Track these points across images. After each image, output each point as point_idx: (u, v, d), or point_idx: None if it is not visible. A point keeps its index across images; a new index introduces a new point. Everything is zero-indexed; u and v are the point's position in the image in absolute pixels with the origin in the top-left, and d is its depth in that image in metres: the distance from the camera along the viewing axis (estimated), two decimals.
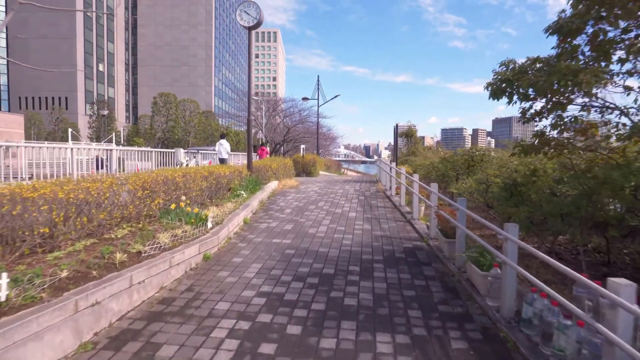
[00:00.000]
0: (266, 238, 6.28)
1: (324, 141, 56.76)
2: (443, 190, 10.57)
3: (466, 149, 9.93)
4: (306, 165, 19.04)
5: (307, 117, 42.35)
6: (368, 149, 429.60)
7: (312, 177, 18.57)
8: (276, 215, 8.01)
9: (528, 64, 4.30)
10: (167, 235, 4.94)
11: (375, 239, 6.34)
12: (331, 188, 12.44)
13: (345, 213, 8.31)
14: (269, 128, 41.66)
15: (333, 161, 33.03)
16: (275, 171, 12.24)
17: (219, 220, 6.29)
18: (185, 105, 45.86)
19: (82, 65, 65.21)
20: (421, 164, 15.90)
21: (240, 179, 9.52)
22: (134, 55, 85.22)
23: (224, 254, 5.44)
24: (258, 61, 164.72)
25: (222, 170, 8.42)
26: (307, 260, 5.19)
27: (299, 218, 7.74)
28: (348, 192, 11.46)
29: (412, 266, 5.07)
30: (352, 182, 15.39)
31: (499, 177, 5.45)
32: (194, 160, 16.39)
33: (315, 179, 17.00)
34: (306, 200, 9.74)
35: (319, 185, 13.27)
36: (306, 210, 8.49)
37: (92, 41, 68.73)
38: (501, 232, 3.49)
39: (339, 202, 9.64)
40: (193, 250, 4.92)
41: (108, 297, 3.46)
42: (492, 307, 3.74)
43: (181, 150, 15.00)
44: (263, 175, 11.67)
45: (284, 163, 13.45)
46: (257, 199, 8.73)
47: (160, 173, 6.18)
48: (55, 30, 62.61)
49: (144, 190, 5.58)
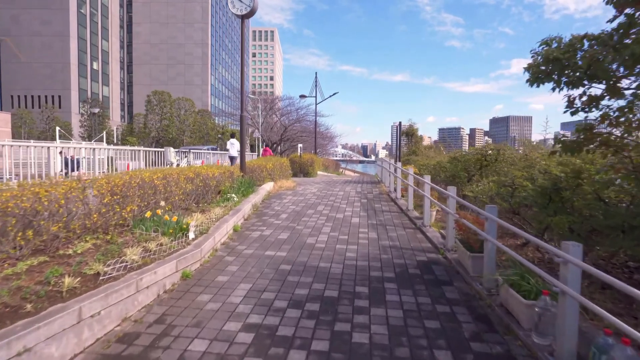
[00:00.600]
0: (258, 250, 5.46)
1: (322, 140, 55.93)
2: None
3: (478, 147, 9.14)
4: (304, 165, 18.21)
5: (305, 115, 41.55)
6: (365, 148, 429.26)
7: (310, 178, 17.75)
8: (270, 221, 7.18)
9: (573, 42, 3.51)
10: (137, 251, 4.11)
11: (383, 250, 5.53)
12: (331, 190, 11.62)
13: (347, 219, 7.49)
14: (265, 127, 40.79)
15: (331, 161, 32.23)
16: (270, 172, 11.41)
17: (204, 229, 5.46)
18: (181, 104, 44.89)
19: (76, 63, 64.16)
20: (425, 163, 15.11)
21: (231, 180, 8.69)
22: (129, 53, 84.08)
23: (207, 270, 4.61)
24: (255, 60, 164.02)
25: (210, 171, 7.58)
26: (305, 279, 4.37)
27: (296, 225, 6.92)
28: (349, 194, 10.65)
29: (431, 286, 4.26)
30: (352, 183, 14.58)
31: (528, 180, 4.66)
32: (185, 159, 15.53)
33: (313, 180, 16.17)
34: (304, 204, 8.92)
35: (318, 187, 12.45)
36: (304, 216, 7.67)
37: (86, 39, 67.61)
38: (560, 254, 2.69)
39: (340, 205, 8.82)
40: (169, 269, 4.09)
41: (44, 340, 2.63)
42: (543, 347, 2.94)
43: (171, 149, 14.15)
44: (257, 176, 10.84)
45: (280, 163, 12.62)
46: (249, 202, 7.90)
47: (136, 175, 5.35)
48: (49, 27, 61.50)
49: (113, 196, 4.74)
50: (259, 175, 10.86)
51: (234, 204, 7.44)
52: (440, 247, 5.51)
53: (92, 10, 69.12)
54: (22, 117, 41.09)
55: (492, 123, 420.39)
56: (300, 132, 42.57)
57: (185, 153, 15.88)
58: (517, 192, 5.05)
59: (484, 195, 5.97)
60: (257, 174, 10.83)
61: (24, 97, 62.71)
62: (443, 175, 9.90)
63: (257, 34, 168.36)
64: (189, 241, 4.94)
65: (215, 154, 21.10)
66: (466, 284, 4.32)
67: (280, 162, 12.70)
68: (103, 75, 72.87)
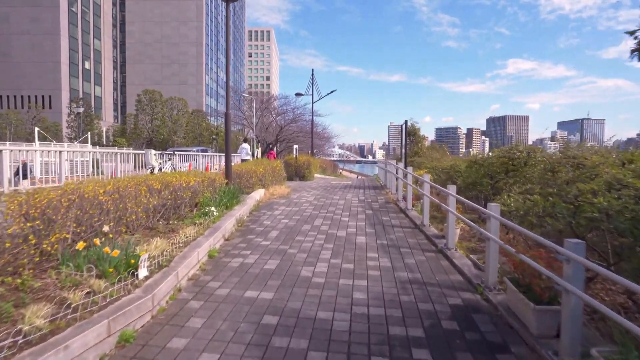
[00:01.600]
0: (236, 288, 4.11)
1: (319, 141, 54.64)
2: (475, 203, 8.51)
3: (504, 148, 7.82)
4: (300, 168, 16.87)
5: (301, 115, 40.24)
6: (362, 148, 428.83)
7: (306, 182, 16.42)
8: (256, 242, 5.84)
9: None
10: (46, 310, 2.76)
11: (402, 288, 4.20)
12: (329, 197, 10.29)
13: (351, 237, 6.16)
14: (260, 127, 39.43)
15: (328, 162, 30.92)
16: (261, 177, 10.06)
17: (165, 261, 4.12)
18: (173, 104, 43.40)
19: (67, 62, 62.56)
20: (432, 166, 13.79)
21: (212, 189, 7.34)
22: (122, 52, 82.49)
23: (160, 326, 3.26)
24: (251, 60, 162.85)
25: (184, 179, 6.24)
26: (297, 343, 3.03)
27: (288, 247, 5.58)
28: (351, 202, 9.33)
29: (480, 355, 2.93)
30: (353, 188, 13.25)
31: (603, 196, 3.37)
32: (169, 163, 14.14)
33: (310, 184, 14.84)
34: (299, 217, 7.59)
35: (315, 193, 11.11)
36: (298, 233, 6.33)
37: (77, 38, 65.96)
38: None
39: (342, 218, 7.49)
40: (94, 335, 2.75)
41: None
42: None
43: (152, 152, 12.77)
44: (246, 183, 9.50)
45: (272, 167, 11.27)
46: (233, 217, 6.56)
47: (70, 189, 3.99)
48: (38, 26, 59.83)
49: (29, 222, 3.39)
50: (248, 181, 9.52)
51: (212, 219, 6.09)
52: (477, 283, 4.18)
53: (84, 8, 67.50)
54: (8, 117, 39.47)
55: (489, 123, 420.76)
56: (296, 133, 41.25)
57: (169, 155, 14.49)
58: (583, 210, 3.74)
59: (520, 210, 4.67)
60: (246, 181, 9.48)
61: (13, 97, 60.99)
62: (460, 182, 8.57)
63: (253, 34, 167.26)
64: (139, 282, 3.60)
65: (205, 156, 19.72)
66: (531, 351, 2.99)
67: (272, 165, 11.35)
68: (95, 74, 71.20)
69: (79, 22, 66.03)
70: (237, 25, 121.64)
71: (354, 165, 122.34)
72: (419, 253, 5.42)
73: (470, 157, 9.17)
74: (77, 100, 38.05)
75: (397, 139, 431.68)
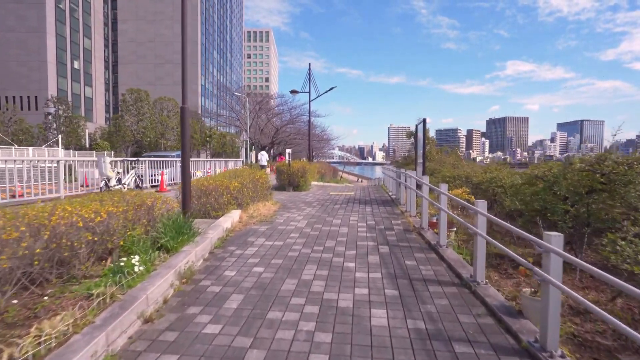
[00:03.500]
0: None
1: (318, 143, 52.11)
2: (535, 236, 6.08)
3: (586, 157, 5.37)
4: (293, 176, 14.36)
5: (299, 116, 37.73)
6: (362, 150, 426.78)
7: (301, 192, 13.92)
8: (198, 326, 3.32)
9: None
10: None
11: None
12: (328, 220, 7.81)
13: (362, 311, 3.64)
14: (255, 129, 36.92)
15: (327, 167, 28.41)
16: (235, 194, 7.53)
17: None
18: (163, 104, 40.81)
19: (54, 61, 60.03)
20: (451, 175, 11.34)
21: (149, 221, 4.84)
22: (114, 52, 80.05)
23: None
24: (250, 61, 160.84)
25: (87, 210, 3.74)
26: None
27: (249, 344, 3.06)
28: (357, 230, 6.83)
29: None
30: (357, 202, 10.77)
31: None
32: (132, 172, 11.57)
33: (304, 197, 12.34)
34: (280, 260, 5.09)
35: (309, 213, 8.63)
36: (274, 303, 3.82)
37: (66, 36, 63.45)
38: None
39: (345, 263, 4.99)
40: None
41: None
42: None
43: (106, 159, 10.23)
44: (214, 204, 7.01)
45: (253, 179, 8.73)
46: (171, 271, 4.06)
47: None
48: (23, 23, 57.35)
49: None
50: (217, 201, 7.02)
51: (128, 281, 3.59)
52: None
53: (72, 5, 65.01)
54: None
55: (489, 124, 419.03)
56: (294, 135, 38.77)
57: (133, 163, 11.93)
58: None
59: None
60: (214, 200, 6.99)
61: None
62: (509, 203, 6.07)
63: (252, 35, 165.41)
64: None
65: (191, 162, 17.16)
66: None
67: (253, 177, 8.82)
68: (85, 75, 68.59)
69: (67, 20, 63.51)
70: (235, 25, 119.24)
71: (354, 167, 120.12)
72: (489, 354, 2.90)
73: (527, 171, 6.58)
74: (55, 100, 35.43)
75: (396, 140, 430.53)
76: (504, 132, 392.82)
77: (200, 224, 6.32)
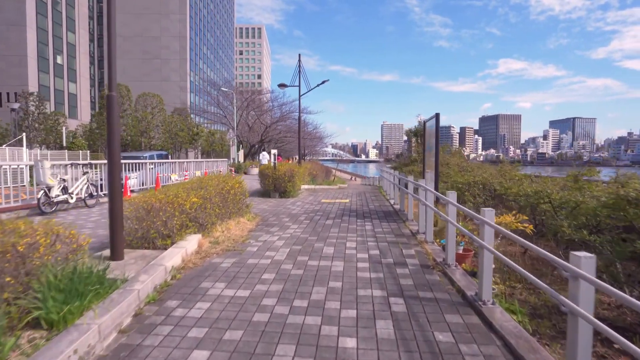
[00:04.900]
0: None
1: (310, 141, 50.19)
2: None
3: None
4: (279, 180, 12.48)
5: (289, 113, 35.72)
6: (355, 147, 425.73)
7: (288, 199, 12.07)
8: None
9: None
10: None
11: None
12: (317, 247, 5.98)
13: None
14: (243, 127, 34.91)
15: (320, 166, 26.50)
16: (194, 215, 5.64)
17: None
18: (147, 100, 38.58)
19: (36, 56, 57.33)
20: (465, 181, 9.61)
21: (17, 277, 2.95)
22: (99, 47, 77.22)
23: None
24: (242, 58, 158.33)
25: None
26: None
27: None
28: (357, 267, 5.00)
29: None
30: (354, 216, 8.96)
31: None
32: (84, 178, 9.57)
33: (290, 206, 10.50)
34: (239, 333, 3.25)
35: (293, 235, 6.79)
36: None
37: (48, 30, 60.69)
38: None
39: (340, 338, 3.17)
40: None
41: None
42: None
43: (45, 163, 8.26)
44: (161, 228, 5.12)
45: (222, 190, 6.81)
46: None
47: None
48: (0, 15, 54.47)
49: None
50: (164, 225, 5.13)
51: None
52: None
53: None
54: None
55: (482, 122, 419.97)
56: (284, 133, 36.80)
57: (85, 167, 9.93)
58: None
59: None
60: (161, 223, 5.10)
61: None
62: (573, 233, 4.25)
63: (244, 31, 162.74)
64: None
65: (162, 165, 15.19)
66: None
67: (223, 187, 6.90)
68: (69, 70, 65.78)
69: (49, 13, 60.72)
70: (226, 21, 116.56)
71: (348, 165, 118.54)
72: None
73: (606, 190, 4.75)
74: (26, 95, 33.08)
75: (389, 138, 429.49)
76: (497, 130, 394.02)
77: (133, 262, 4.45)
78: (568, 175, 7.08)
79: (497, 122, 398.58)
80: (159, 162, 14.98)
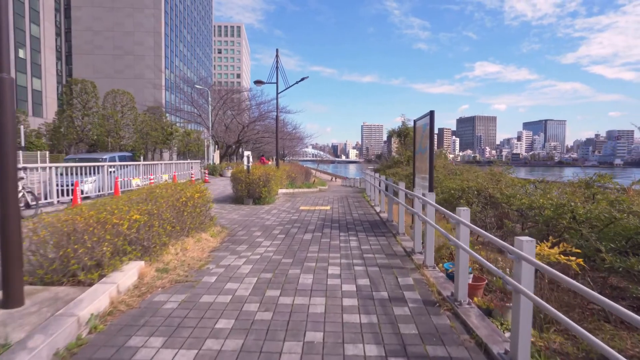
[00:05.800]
0: None
1: (290, 141, 48.93)
2: None
3: None
4: (253, 185, 11.27)
5: (268, 112, 34.31)
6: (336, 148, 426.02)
7: (263, 207, 10.88)
8: None
9: None
10: None
11: None
12: (292, 274, 4.87)
13: None
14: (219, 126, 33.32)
15: (299, 167, 25.28)
16: (134, 237, 4.42)
17: None
18: (117, 98, 36.33)
19: None
20: (458, 187, 8.72)
21: None
22: (67, 41, 73.35)
23: None
24: (221, 57, 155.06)
25: None
26: None
27: None
28: (343, 308, 3.90)
29: None
30: (336, 228, 7.87)
31: None
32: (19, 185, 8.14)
33: (265, 215, 9.33)
34: None
35: (264, 256, 5.65)
36: None
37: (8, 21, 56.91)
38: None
39: None
40: None
41: None
42: None
43: None
44: (84, 258, 3.88)
45: (176, 201, 5.58)
46: None
47: None
48: None
49: None
50: (92, 253, 3.89)
51: None
52: None
53: None
54: None
55: (459, 123, 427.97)
56: (262, 132, 35.42)
57: (21, 172, 8.44)
58: None
59: None
60: (84, 251, 3.86)
61: None
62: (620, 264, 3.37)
63: (223, 30, 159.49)
64: None
65: (126, 168, 13.66)
66: None
67: (179, 197, 5.68)
68: (33, 65, 62.02)
69: (9, 3, 56.92)
70: (204, 18, 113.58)
71: (328, 166, 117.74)
72: None
73: None
74: None
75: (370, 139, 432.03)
76: (474, 131, 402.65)
77: (35, 311, 3.22)
78: (579, 181, 6.25)
79: (473, 123, 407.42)
80: (120, 165, 13.47)
